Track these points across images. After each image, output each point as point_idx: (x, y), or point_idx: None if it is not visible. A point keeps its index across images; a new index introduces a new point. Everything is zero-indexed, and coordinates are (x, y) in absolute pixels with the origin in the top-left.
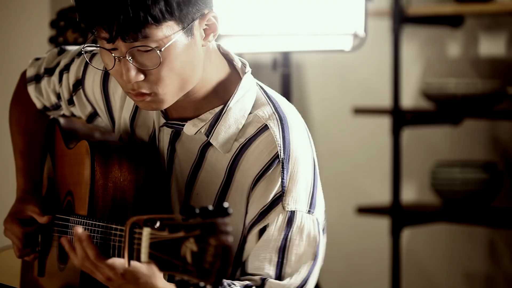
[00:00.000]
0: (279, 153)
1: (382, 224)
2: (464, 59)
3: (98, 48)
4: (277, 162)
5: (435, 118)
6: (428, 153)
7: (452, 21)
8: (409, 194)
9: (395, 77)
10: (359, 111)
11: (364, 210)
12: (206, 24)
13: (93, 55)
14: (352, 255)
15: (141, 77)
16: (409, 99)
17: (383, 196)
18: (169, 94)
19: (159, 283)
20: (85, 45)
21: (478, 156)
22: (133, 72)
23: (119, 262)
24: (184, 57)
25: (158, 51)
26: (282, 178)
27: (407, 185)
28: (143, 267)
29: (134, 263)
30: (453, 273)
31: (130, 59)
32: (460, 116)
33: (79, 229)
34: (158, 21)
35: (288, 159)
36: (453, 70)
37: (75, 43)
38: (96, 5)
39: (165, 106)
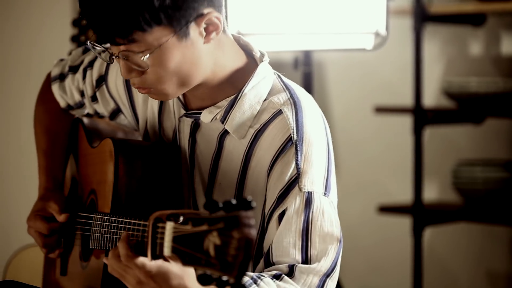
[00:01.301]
0: (292, 135)
1: (404, 223)
2: (486, 58)
3: None
4: (290, 144)
5: (456, 117)
6: (450, 152)
7: (474, 20)
8: (431, 193)
9: (416, 75)
10: (381, 110)
11: (386, 209)
12: (206, 23)
13: None
14: (373, 254)
15: (136, 75)
16: (431, 98)
17: (404, 195)
18: (170, 89)
19: (191, 285)
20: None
21: (499, 155)
22: (127, 71)
23: (148, 261)
24: (179, 57)
25: (146, 56)
26: (297, 160)
27: (428, 184)
28: (174, 267)
29: (164, 263)
30: (475, 272)
31: (124, 58)
32: (482, 115)
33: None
34: (144, 29)
35: (302, 141)
36: (474, 68)
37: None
38: (86, 11)
39: (171, 98)
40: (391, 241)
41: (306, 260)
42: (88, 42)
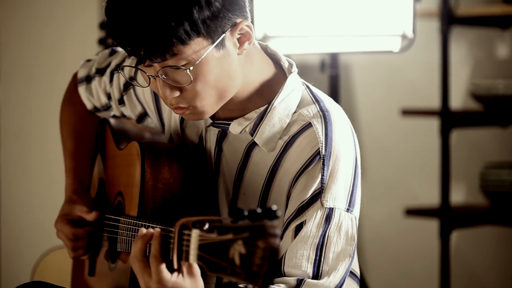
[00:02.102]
0: (320, 149)
1: (431, 226)
2: None
3: None
4: (318, 158)
5: (484, 120)
6: (477, 154)
7: (501, 22)
8: (458, 196)
9: (443, 78)
10: (407, 112)
11: (413, 212)
12: (239, 33)
13: None
14: (400, 258)
15: (177, 93)
16: (458, 100)
17: (432, 198)
18: (208, 105)
19: None
20: (123, 65)
21: None
22: (167, 90)
23: (166, 272)
24: (217, 70)
25: (188, 70)
26: (322, 175)
27: (456, 187)
28: (187, 282)
29: (177, 278)
30: (502, 276)
31: (163, 77)
32: (509, 117)
33: (144, 230)
34: (184, 41)
35: (329, 156)
36: (501, 71)
37: None
38: (122, 30)
39: (207, 116)
40: (418, 244)
41: (316, 274)
42: (119, 66)
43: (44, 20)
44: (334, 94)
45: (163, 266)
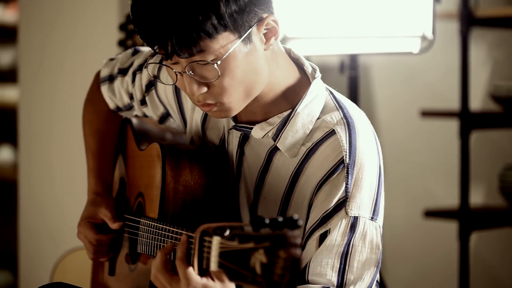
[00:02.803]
0: (344, 158)
1: (450, 228)
2: None
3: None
4: (342, 167)
5: (503, 121)
6: (497, 156)
7: None
8: (478, 197)
9: (463, 79)
10: (427, 113)
11: (432, 214)
12: (265, 28)
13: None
14: (419, 259)
15: (204, 89)
16: (478, 101)
17: (451, 200)
18: (235, 102)
19: None
20: (148, 62)
21: None
22: (195, 86)
23: (195, 275)
24: (244, 65)
25: (215, 64)
26: (347, 183)
27: (475, 188)
28: (217, 286)
29: (209, 281)
30: None
31: (190, 73)
32: None
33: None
34: (211, 35)
35: (354, 165)
36: None
37: (143, 45)
38: (149, 25)
39: (233, 113)
40: (438, 246)
41: (341, 283)
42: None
43: (64, 22)
44: (353, 95)
45: (191, 269)
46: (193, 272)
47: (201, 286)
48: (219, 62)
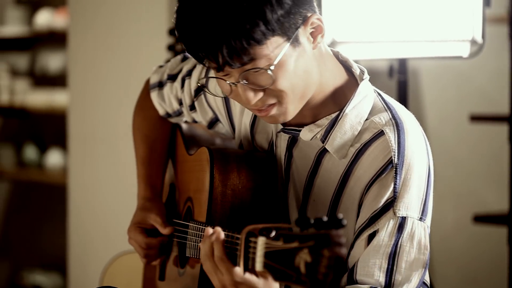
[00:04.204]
0: (393, 158)
1: (500, 233)
2: None
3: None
4: (390, 167)
5: None
6: None
7: None
8: None
9: None
10: (476, 118)
11: (482, 219)
12: (311, 28)
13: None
14: (469, 264)
15: (260, 94)
16: None
17: (501, 205)
18: (290, 105)
19: None
20: (202, 77)
21: None
22: (251, 94)
23: (239, 270)
24: (296, 66)
25: (269, 71)
26: (395, 184)
27: None
28: (261, 282)
29: (252, 276)
30: None
31: (244, 82)
32: None
33: (210, 230)
34: (260, 42)
35: (402, 165)
36: None
37: None
38: (197, 39)
39: (290, 117)
40: (487, 251)
41: (389, 283)
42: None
43: (113, 26)
44: (403, 100)
45: (231, 265)
46: (235, 267)
47: (245, 280)
48: (272, 68)
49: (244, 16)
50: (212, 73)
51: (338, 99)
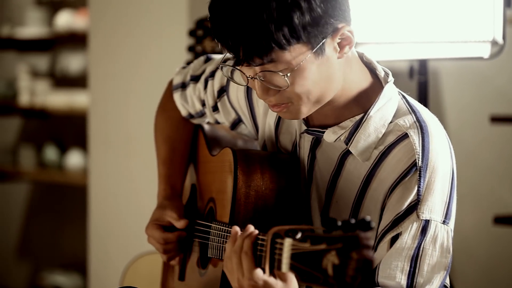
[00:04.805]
0: (417, 161)
1: None
2: None
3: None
4: (414, 170)
5: None
6: None
7: None
8: None
9: None
10: (497, 119)
11: (502, 220)
12: (340, 38)
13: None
14: (489, 266)
15: (274, 93)
16: None
17: None
18: (305, 107)
19: None
20: (221, 64)
21: None
22: (264, 91)
23: (259, 271)
24: (315, 75)
25: (286, 76)
26: (419, 187)
27: None
28: (279, 284)
29: (271, 278)
30: None
31: (261, 79)
32: None
33: (238, 229)
34: (282, 47)
35: (426, 168)
36: None
37: (213, 52)
38: (223, 30)
39: (302, 116)
40: (507, 253)
41: (410, 286)
42: (220, 62)
43: (134, 28)
44: (423, 100)
45: (254, 264)
46: (257, 267)
47: (263, 282)
48: (288, 74)
49: (271, 17)
50: (231, 62)
51: (362, 101)
